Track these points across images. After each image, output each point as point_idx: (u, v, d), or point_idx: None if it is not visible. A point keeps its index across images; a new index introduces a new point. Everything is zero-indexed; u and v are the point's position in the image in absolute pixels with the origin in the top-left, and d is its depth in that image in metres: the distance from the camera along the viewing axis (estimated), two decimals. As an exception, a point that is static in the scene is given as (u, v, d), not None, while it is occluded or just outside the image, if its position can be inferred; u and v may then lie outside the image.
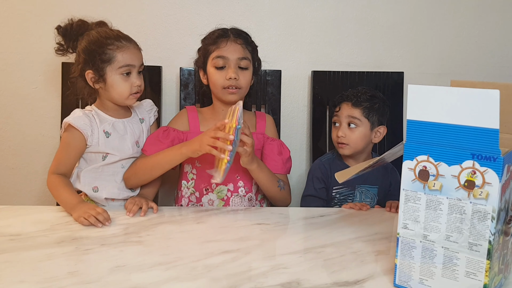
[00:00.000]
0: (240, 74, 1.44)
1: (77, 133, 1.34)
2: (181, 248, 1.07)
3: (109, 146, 1.37)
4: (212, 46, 1.46)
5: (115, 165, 1.40)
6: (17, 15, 1.75)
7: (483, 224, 0.81)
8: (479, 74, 1.92)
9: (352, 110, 1.47)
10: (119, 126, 1.41)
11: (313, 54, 1.87)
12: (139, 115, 1.49)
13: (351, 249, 1.08)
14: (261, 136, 1.53)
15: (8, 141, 1.83)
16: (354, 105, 1.47)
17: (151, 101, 1.57)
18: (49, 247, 1.05)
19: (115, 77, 1.34)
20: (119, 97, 1.37)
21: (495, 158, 0.78)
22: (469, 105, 0.80)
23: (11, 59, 1.78)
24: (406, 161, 0.88)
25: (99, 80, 1.35)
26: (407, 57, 1.90)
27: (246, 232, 1.18)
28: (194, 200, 1.47)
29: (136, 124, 1.46)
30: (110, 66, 1.33)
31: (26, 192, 1.87)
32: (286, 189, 1.48)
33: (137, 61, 1.37)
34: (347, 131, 1.47)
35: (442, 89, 0.83)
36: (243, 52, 1.45)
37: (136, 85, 1.36)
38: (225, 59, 1.43)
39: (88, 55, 1.34)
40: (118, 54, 1.33)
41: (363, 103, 1.47)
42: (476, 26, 1.90)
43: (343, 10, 1.85)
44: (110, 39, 1.34)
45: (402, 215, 0.90)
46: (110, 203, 1.41)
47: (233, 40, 1.45)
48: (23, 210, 1.30)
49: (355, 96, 1.48)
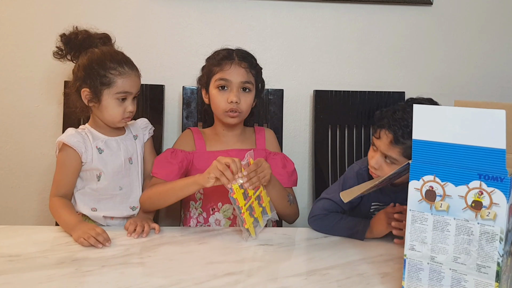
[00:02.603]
0: (242, 97, 1.43)
1: (72, 151, 1.33)
2: (183, 269, 1.05)
3: (102, 162, 1.36)
4: (216, 68, 1.45)
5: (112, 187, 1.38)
6: (18, 34, 1.76)
7: (491, 245, 0.80)
8: (480, 95, 1.93)
9: (389, 148, 1.16)
10: (112, 143, 1.40)
11: (315, 74, 1.87)
12: (133, 132, 1.48)
13: (356, 271, 1.06)
14: (263, 152, 1.51)
15: (8, 160, 1.82)
16: (395, 142, 1.14)
17: (146, 119, 1.56)
18: (49, 269, 1.03)
19: (111, 101, 1.33)
20: (110, 119, 1.36)
21: (502, 178, 0.77)
22: (475, 125, 0.79)
23: (12, 77, 1.78)
24: (412, 181, 0.87)
25: (93, 100, 1.34)
26: (408, 77, 1.90)
27: (249, 253, 1.16)
28: (202, 221, 1.45)
29: (130, 141, 1.45)
30: (108, 90, 1.32)
31: (26, 212, 1.86)
32: (295, 202, 1.46)
33: (135, 88, 1.36)
34: (382, 163, 1.20)
35: (448, 109, 0.83)
36: (246, 76, 1.44)
37: (129, 111, 1.36)
38: (228, 82, 1.42)
39: (88, 73, 1.33)
40: (118, 80, 1.33)
41: (408, 140, 1.12)
42: (476, 47, 1.91)
43: (344, 30, 1.86)
44: (114, 63, 1.33)
45: (409, 236, 0.88)
46: (109, 222, 1.39)
47: (237, 64, 1.43)
48: (23, 230, 1.28)
49: (400, 128, 1.14)
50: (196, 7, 1.80)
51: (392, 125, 1.15)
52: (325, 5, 1.84)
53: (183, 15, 1.80)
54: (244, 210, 1.20)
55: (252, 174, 1.22)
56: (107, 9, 1.77)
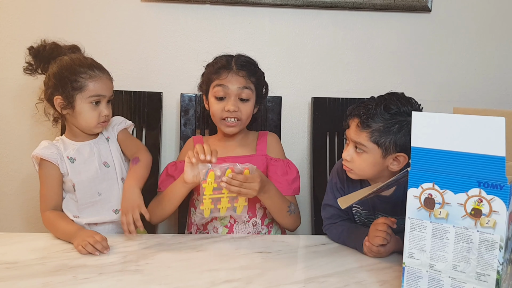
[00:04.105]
0: (241, 105, 1.43)
1: (49, 164, 1.34)
2: (181, 277, 1.04)
3: (74, 172, 1.34)
4: (213, 76, 1.44)
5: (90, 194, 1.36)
6: (16, 41, 1.76)
7: (491, 253, 0.79)
8: (479, 101, 1.93)
9: (357, 133, 1.18)
10: (85, 149, 1.38)
11: (313, 81, 1.87)
12: (105, 135, 1.44)
13: (355, 278, 1.05)
14: (263, 158, 1.49)
15: (5, 166, 1.82)
16: (361, 125, 1.16)
17: (119, 117, 1.52)
18: (46, 276, 1.03)
19: (84, 105, 1.32)
20: (86, 125, 1.35)
21: (502, 186, 0.77)
22: (474, 133, 0.79)
23: (10, 84, 1.78)
24: (411, 189, 0.87)
25: (67, 107, 1.33)
26: (406, 84, 1.90)
27: (247, 261, 1.15)
28: (201, 228, 1.45)
29: (103, 144, 1.42)
30: (80, 94, 1.31)
31: (23, 219, 1.85)
32: (296, 212, 1.44)
33: (108, 91, 1.35)
34: (353, 154, 1.21)
35: (447, 116, 0.83)
36: (244, 83, 1.42)
37: (104, 115, 1.35)
38: (226, 89, 1.41)
39: (59, 80, 1.32)
40: (90, 83, 1.32)
41: (374, 123, 1.15)
42: (475, 54, 1.92)
43: (343, 38, 1.86)
44: (83, 67, 1.32)
45: (407, 244, 0.88)
46: (94, 228, 1.37)
47: (235, 73, 1.42)
48: (20, 237, 1.28)
49: (366, 112, 1.16)
50: (194, 14, 1.80)
51: (357, 110, 1.18)
52: (324, 12, 1.84)
53: (181, 22, 1.80)
54: (207, 198, 1.22)
55: (235, 182, 1.22)
56: (104, 17, 1.77)
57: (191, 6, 1.79)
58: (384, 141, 1.14)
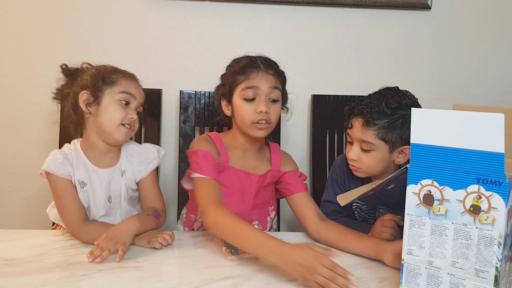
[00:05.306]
0: (271, 107, 1.29)
1: (62, 180, 1.24)
2: (180, 274, 1.04)
3: (82, 194, 1.26)
4: (240, 76, 1.31)
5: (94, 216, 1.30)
6: (16, 38, 1.76)
7: (489, 250, 0.79)
8: (478, 99, 1.93)
9: (363, 132, 1.20)
10: (95, 177, 1.28)
11: (313, 78, 1.87)
12: (123, 166, 1.33)
13: (354, 275, 1.05)
14: (276, 173, 1.39)
15: (5, 163, 1.82)
16: (367, 124, 1.19)
17: (152, 146, 1.39)
18: (45, 273, 1.03)
19: (112, 101, 1.25)
20: (109, 122, 1.25)
21: (501, 182, 0.77)
22: (473, 129, 0.79)
23: (9, 81, 1.77)
24: (410, 185, 0.87)
25: (92, 104, 1.26)
26: (406, 81, 1.90)
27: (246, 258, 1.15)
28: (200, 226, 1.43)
29: (116, 178, 1.31)
30: (110, 89, 1.26)
31: (22, 216, 1.85)
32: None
33: (138, 94, 1.29)
34: (360, 153, 1.23)
35: (446, 113, 0.82)
36: (274, 82, 1.31)
37: (131, 117, 1.26)
38: (256, 90, 1.28)
39: (91, 77, 1.28)
40: (122, 80, 1.28)
41: (378, 121, 1.18)
42: (475, 52, 1.92)
43: (342, 35, 1.86)
44: (117, 71, 1.30)
45: (406, 241, 0.88)
46: None
47: (264, 71, 1.30)
48: (18, 234, 1.27)
49: (369, 111, 1.19)
50: (194, 11, 1.80)
51: (361, 109, 1.21)
52: (323, 9, 1.84)
53: (181, 19, 1.80)
54: None
55: None
56: (103, 14, 1.77)
57: (190, 3, 1.79)
58: (390, 136, 1.18)
